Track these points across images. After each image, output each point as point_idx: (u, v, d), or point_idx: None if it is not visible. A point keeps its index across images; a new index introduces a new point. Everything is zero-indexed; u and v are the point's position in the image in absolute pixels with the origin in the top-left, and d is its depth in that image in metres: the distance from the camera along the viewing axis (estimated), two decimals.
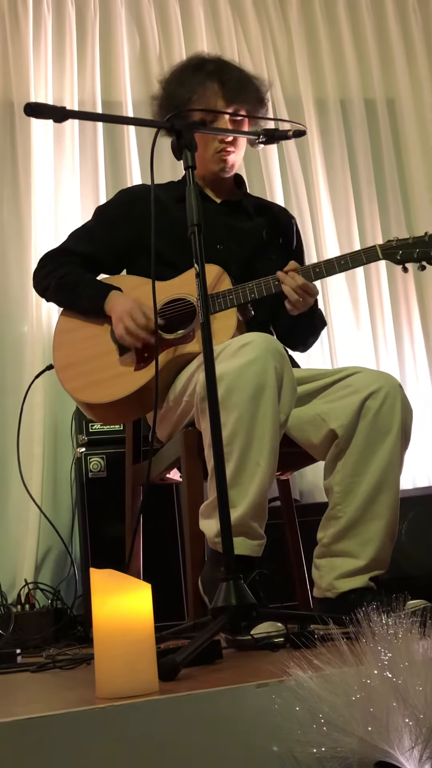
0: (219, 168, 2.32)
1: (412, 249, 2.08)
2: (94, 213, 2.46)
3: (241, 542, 1.79)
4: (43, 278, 2.33)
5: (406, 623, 1.05)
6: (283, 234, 2.44)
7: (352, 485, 1.96)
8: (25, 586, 3.14)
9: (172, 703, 1.05)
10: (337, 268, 2.13)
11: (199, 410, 1.93)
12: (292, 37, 4.26)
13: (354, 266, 2.12)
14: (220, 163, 2.31)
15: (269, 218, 2.44)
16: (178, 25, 4.12)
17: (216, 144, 2.28)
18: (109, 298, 2.21)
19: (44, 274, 2.33)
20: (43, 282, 2.33)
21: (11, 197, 3.79)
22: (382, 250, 2.11)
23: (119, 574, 1.18)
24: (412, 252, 2.08)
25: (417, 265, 2.10)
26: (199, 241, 1.67)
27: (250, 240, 2.36)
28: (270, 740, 1.02)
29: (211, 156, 2.30)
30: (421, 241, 2.08)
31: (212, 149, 2.29)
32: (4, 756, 0.96)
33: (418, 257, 2.08)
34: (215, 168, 2.32)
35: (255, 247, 2.36)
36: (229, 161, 2.31)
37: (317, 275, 2.13)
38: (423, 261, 2.08)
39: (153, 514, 2.89)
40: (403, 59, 4.38)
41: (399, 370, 3.99)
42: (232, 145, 2.29)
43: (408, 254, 2.09)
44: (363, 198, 4.18)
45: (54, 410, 3.55)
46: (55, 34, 3.95)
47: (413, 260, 2.09)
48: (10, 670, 1.85)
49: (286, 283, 2.11)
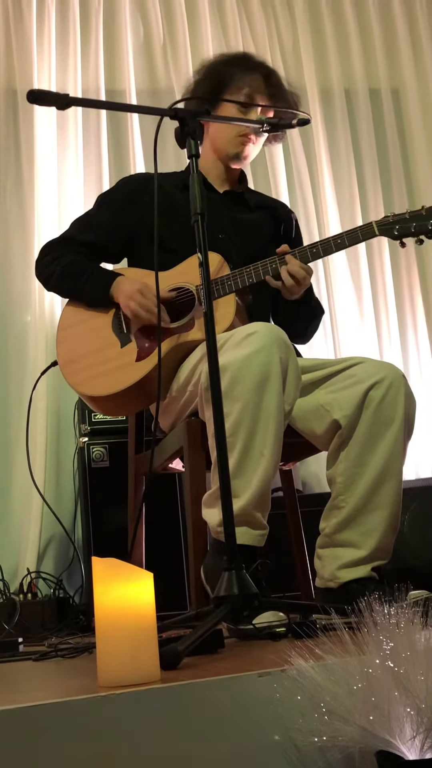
0: (236, 152, 2.31)
1: (409, 223, 2.06)
2: (97, 200, 2.45)
3: (244, 532, 1.79)
4: (46, 267, 2.32)
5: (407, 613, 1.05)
6: (283, 227, 2.44)
7: (355, 476, 1.95)
8: (28, 575, 3.15)
9: (174, 691, 1.05)
10: (334, 247, 2.11)
11: (203, 400, 1.93)
12: (297, 27, 4.25)
13: (350, 244, 2.10)
14: (240, 146, 2.30)
15: (269, 212, 2.44)
16: (182, 13, 4.10)
17: (240, 127, 2.27)
18: (115, 283, 2.20)
19: (47, 263, 2.32)
20: (45, 270, 2.32)
21: (14, 187, 3.79)
22: (379, 227, 2.08)
23: (121, 563, 1.18)
24: (409, 226, 2.06)
25: (415, 240, 2.08)
26: (203, 231, 1.67)
27: (251, 231, 2.36)
28: (271, 729, 1.02)
29: (232, 137, 2.29)
30: (418, 215, 2.06)
31: (236, 131, 2.28)
32: (7, 743, 0.96)
33: (415, 231, 2.05)
34: (232, 150, 2.31)
35: (256, 238, 2.35)
36: (247, 149, 2.31)
37: (314, 255, 2.12)
38: (420, 235, 2.05)
39: (155, 503, 2.89)
40: (408, 49, 4.36)
41: (402, 360, 3.98)
42: (254, 134, 2.28)
43: (405, 229, 2.06)
44: (367, 188, 4.17)
45: (57, 400, 3.56)
46: (59, 21, 3.94)
47: (410, 234, 2.06)
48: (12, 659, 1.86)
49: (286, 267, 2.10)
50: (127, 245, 2.36)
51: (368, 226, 2.09)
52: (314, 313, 2.35)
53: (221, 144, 2.32)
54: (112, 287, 2.20)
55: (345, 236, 2.10)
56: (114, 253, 2.40)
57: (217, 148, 2.34)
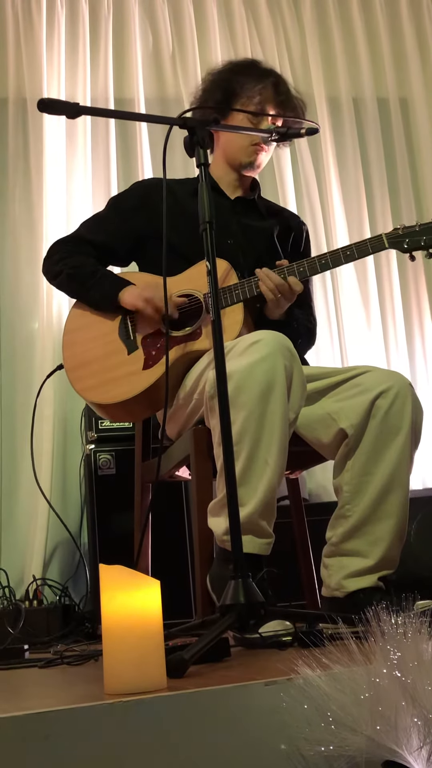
0: (249, 160, 2.32)
1: (419, 236, 2.06)
2: (108, 203, 2.45)
3: (250, 540, 1.79)
4: (54, 264, 2.32)
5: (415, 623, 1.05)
6: (293, 237, 2.44)
7: (362, 484, 1.95)
8: (34, 582, 3.14)
9: (180, 699, 1.05)
10: (343, 259, 2.11)
11: (208, 408, 1.93)
12: (306, 35, 4.26)
13: (360, 256, 2.10)
14: (253, 155, 2.31)
15: (280, 220, 2.44)
16: (191, 23, 4.12)
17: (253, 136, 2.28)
18: (124, 290, 2.21)
19: (55, 260, 2.32)
20: (53, 269, 2.32)
21: (23, 194, 3.81)
22: (389, 239, 2.09)
23: (128, 571, 1.18)
24: (419, 239, 2.06)
25: (424, 253, 2.08)
26: (211, 239, 1.67)
27: (260, 238, 2.36)
28: (278, 738, 1.02)
29: (246, 146, 2.30)
30: (428, 228, 2.06)
31: (249, 140, 2.29)
32: (13, 750, 0.96)
33: (425, 244, 2.06)
34: (246, 159, 2.32)
35: (265, 245, 2.36)
36: (259, 158, 2.32)
37: (323, 267, 2.11)
38: (430, 248, 2.06)
39: (162, 511, 2.89)
40: (416, 58, 4.37)
41: (410, 369, 3.98)
42: (267, 144, 2.29)
43: (415, 242, 2.06)
44: (375, 197, 4.17)
45: (63, 406, 3.56)
46: (69, 30, 3.97)
47: (420, 248, 2.06)
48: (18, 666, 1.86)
49: (263, 281, 2.09)
50: (135, 248, 2.37)
51: (378, 239, 2.09)
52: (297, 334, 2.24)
53: (233, 153, 2.32)
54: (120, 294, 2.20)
55: (354, 248, 2.10)
56: (122, 255, 2.40)
57: (229, 156, 2.34)
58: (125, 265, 2.50)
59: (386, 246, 2.08)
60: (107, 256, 2.38)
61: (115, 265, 2.46)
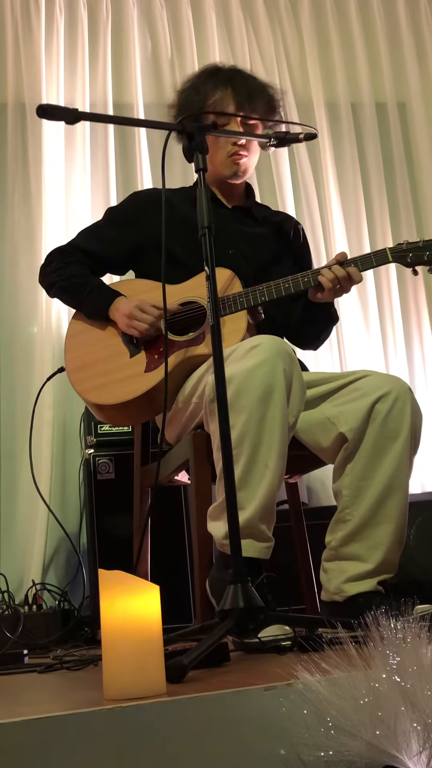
0: (231, 172, 2.32)
1: (422, 252, 2.08)
2: (105, 213, 2.47)
3: (249, 544, 1.79)
4: (50, 274, 2.34)
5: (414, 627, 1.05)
6: (290, 238, 2.45)
7: (361, 489, 1.95)
8: (33, 587, 3.14)
9: (180, 704, 1.05)
10: None
11: (208, 412, 1.93)
12: (304, 41, 4.27)
13: (363, 269, 2.13)
14: (233, 166, 2.31)
15: (275, 225, 2.45)
16: (190, 28, 4.13)
17: (228, 147, 2.28)
18: (113, 306, 2.22)
19: (51, 271, 2.34)
20: (48, 278, 2.35)
21: (22, 200, 3.81)
22: (392, 254, 2.11)
23: (128, 576, 1.18)
24: (422, 255, 2.08)
25: (427, 268, 2.10)
26: (210, 244, 1.67)
27: (260, 245, 2.37)
28: (277, 743, 1.02)
29: (224, 159, 2.30)
30: (431, 245, 2.08)
31: (225, 152, 2.29)
32: (11, 756, 0.96)
33: (428, 260, 2.08)
34: (227, 172, 2.32)
35: (266, 252, 2.37)
36: (242, 165, 2.31)
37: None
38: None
39: (161, 515, 2.89)
40: (414, 63, 4.38)
41: (409, 373, 3.98)
42: (244, 149, 2.29)
43: (418, 257, 2.09)
44: (374, 202, 4.17)
45: (63, 411, 3.56)
46: (67, 35, 3.97)
47: (423, 263, 2.09)
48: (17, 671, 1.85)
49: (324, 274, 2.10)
50: (132, 259, 2.39)
51: (382, 252, 2.12)
52: (331, 318, 2.34)
53: (216, 168, 2.32)
54: (110, 310, 2.22)
55: (358, 261, 2.12)
56: (119, 265, 2.43)
57: (214, 172, 2.33)
58: (122, 273, 2.51)
59: (390, 260, 2.10)
60: (103, 266, 2.40)
61: (112, 273, 2.47)
